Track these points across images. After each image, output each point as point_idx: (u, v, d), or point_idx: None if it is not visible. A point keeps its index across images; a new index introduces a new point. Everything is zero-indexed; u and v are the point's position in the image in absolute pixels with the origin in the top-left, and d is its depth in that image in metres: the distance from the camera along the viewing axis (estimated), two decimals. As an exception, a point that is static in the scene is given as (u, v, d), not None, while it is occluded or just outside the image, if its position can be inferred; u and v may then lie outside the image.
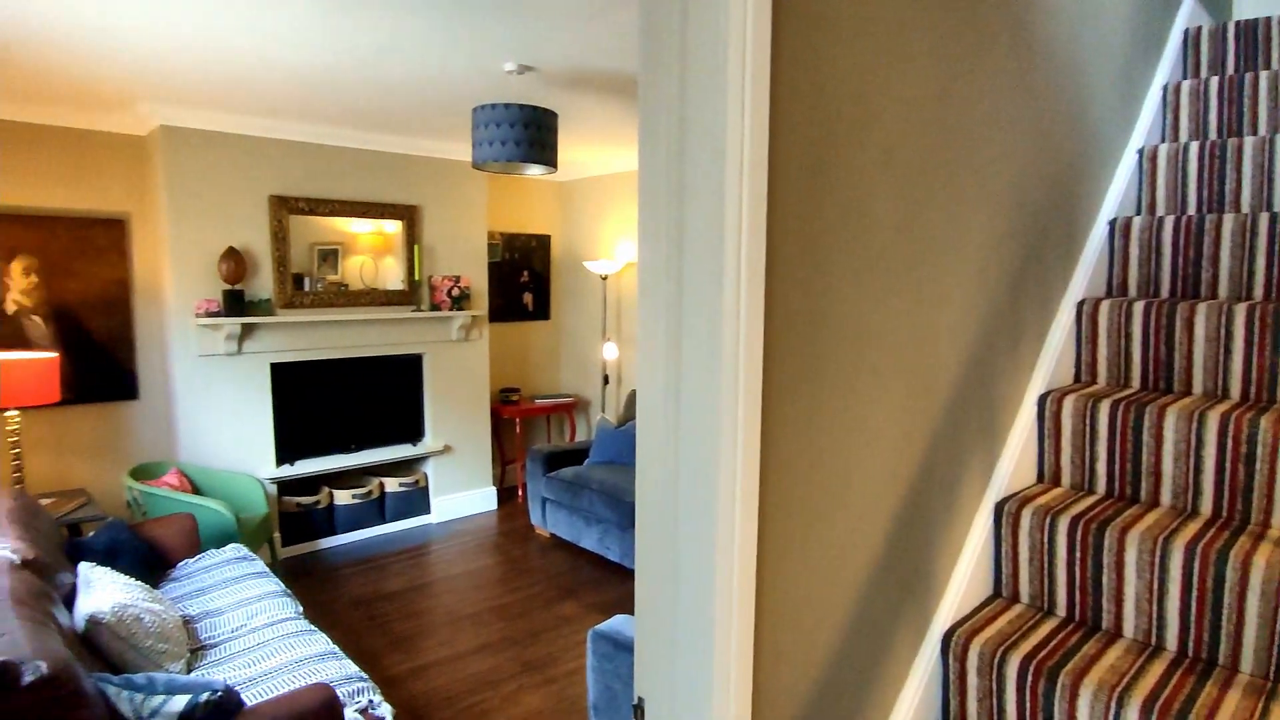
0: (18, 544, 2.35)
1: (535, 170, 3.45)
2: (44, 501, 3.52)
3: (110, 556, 2.92)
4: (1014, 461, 1.68)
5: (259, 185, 4.39)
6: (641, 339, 1.14)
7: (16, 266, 4.05)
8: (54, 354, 3.66)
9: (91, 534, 3.01)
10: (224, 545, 3.77)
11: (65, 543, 2.84)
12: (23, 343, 4.09)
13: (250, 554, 3.31)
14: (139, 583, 2.60)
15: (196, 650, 2.58)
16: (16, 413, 3.57)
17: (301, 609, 2.93)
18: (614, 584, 4.24)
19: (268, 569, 3.20)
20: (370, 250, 4.81)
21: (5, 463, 4.00)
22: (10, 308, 4.04)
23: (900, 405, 1.36)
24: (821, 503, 1.21)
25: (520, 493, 5.87)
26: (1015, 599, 1.61)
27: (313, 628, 2.74)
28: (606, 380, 5.83)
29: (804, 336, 1.15)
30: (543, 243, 6.30)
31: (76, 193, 4.19)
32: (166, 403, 4.49)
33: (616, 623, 2.37)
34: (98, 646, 2.18)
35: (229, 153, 4.27)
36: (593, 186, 6.07)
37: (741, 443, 1.04)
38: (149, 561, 3.10)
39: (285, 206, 4.47)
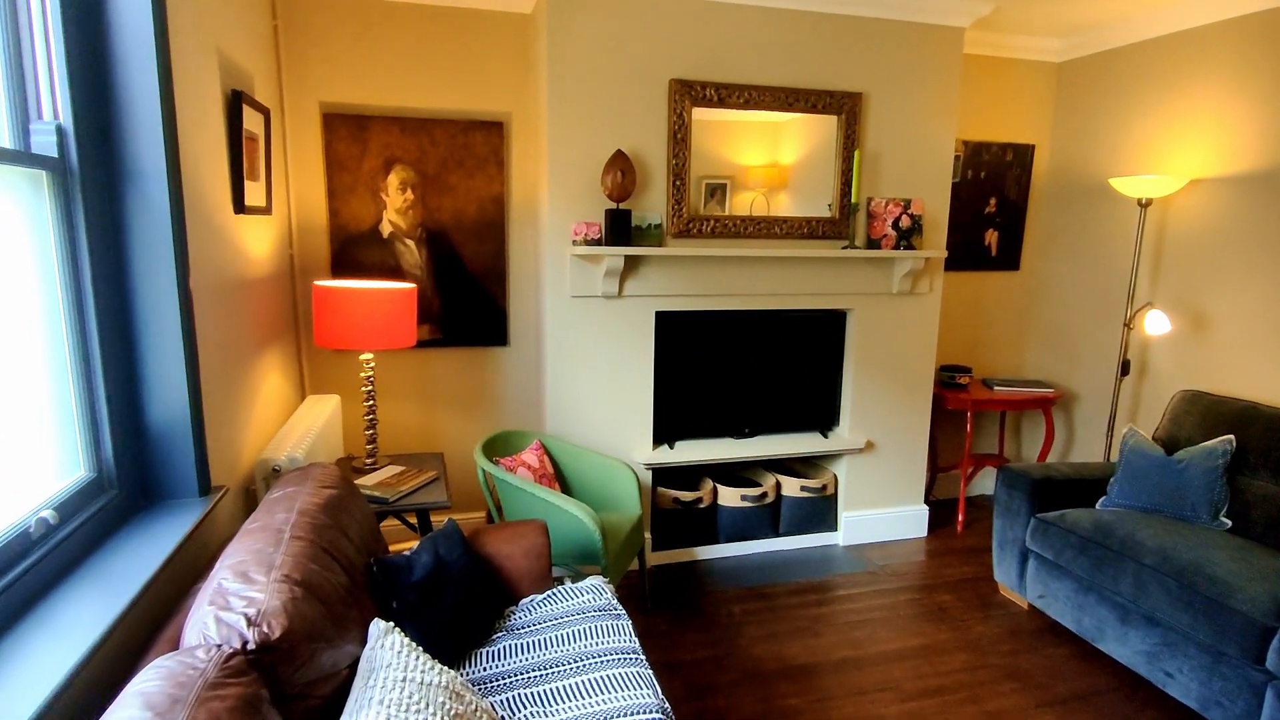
0: (275, 597, 1.39)
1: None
2: (387, 474, 2.81)
3: (431, 594, 1.95)
4: None
5: (658, 65, 3.20)
6: None
7: (394, 180, 3.42)
8: (411, 285, 2.90)
9: (414, 548, 2.09)
10: (581, 565, 2.73)
11: (375, 563, 1.92)
12: (396, 272, 3.48)
13: (614, 604, 2.16)
14: (454, 677, 1.53)
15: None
16: (371, 356, 2.87)
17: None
18: (1193, 754, 2.33)
19: (636, 642, 2.00)
20: (763, 184, 3.37)
21: (357, 415, 3.47)
22: (386, 229, 3.44)
23: None
24: None
25: (960, 518, 4.11)
26: None
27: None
28: (1126, 370, 3.71)
29: None
30: (1022, 156, 4.28)
31: (456, 90, 3.42)
32: (537, 354, 3.65)
33: None
34: None
35: (624, 23, 3.12)
36: (1120, 62, 3.86)
37: None
38: (484, 598, 2.09)
39: (689, 94, 3.22)
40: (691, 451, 3.50)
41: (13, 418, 1.47)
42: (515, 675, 1.89)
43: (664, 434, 3.60)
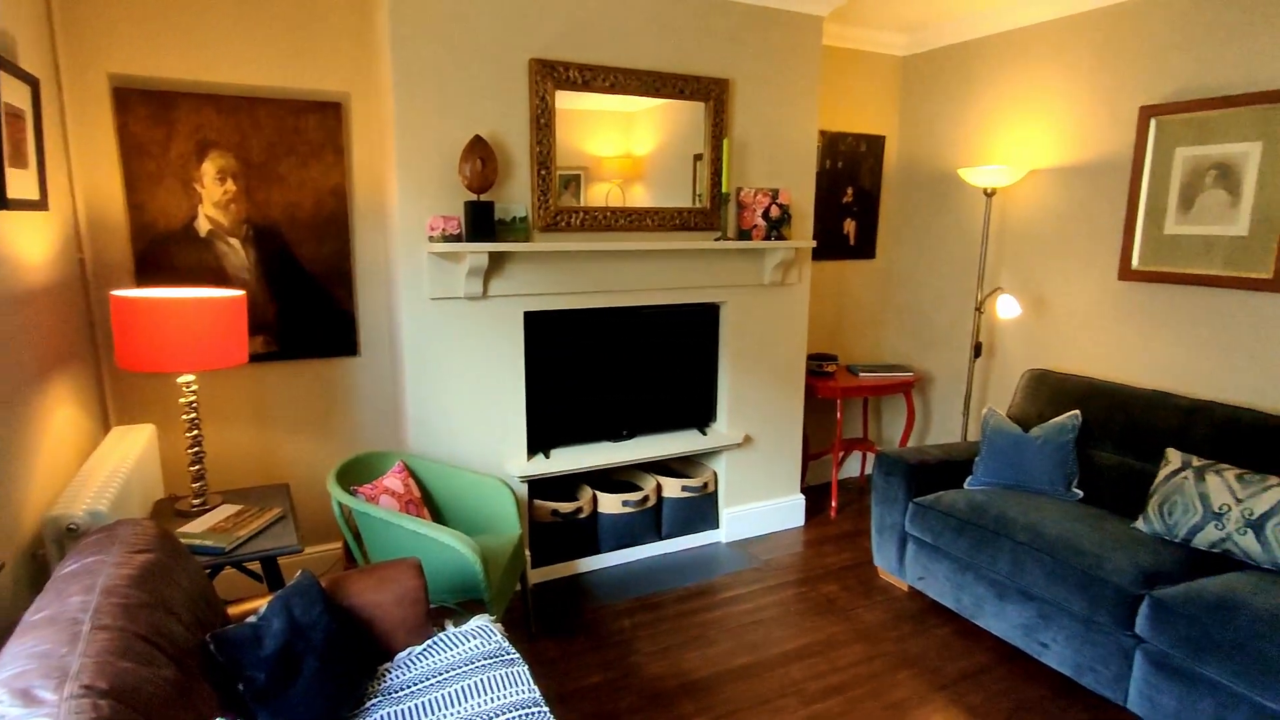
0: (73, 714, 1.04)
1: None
2: (221, 516, 2.38)
3: (287, 668, 1.62)
4: None
5: (517, 43, 2.93)
6: None
7: (209, 169, 2.93)
8: (238, 292, 2.47)
9: (262, 613, 1.73)
10: (463, 603, 2.45)
11: (212, 640, 1.56)
12: (220, 276, 3.00)
13: (505, 649, 1.91)
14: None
15: None
16: (193, 377, 2.42)
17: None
18: (1076, 717, 2.43)
19: (536, 691, 1.77)
20: (618, 176, 3.22)
21: (179, 446, 2.97)
22: (203, 226, 2.95)
23: None
24: None
25: (833, 503, 4.18)
26: None
27: None
28: (978, 352, 3.90)
29: None
30: (874, 147, 4.41)
31: (284, 65, 2.98)
32: (394, 364, 3.28)
33: None
34: None
35: (477, -7, 2.83)
36: (959, 57, 4.04)
37: None
38: (352, 661, 1.78)
39: (551, 76, 2.98)
40: (569, 459, 3.29)
41: None
42: (398, 752, 1.61)
43: (539, 442, 3.36)
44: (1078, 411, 3.19)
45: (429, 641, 1.96)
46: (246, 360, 2.47)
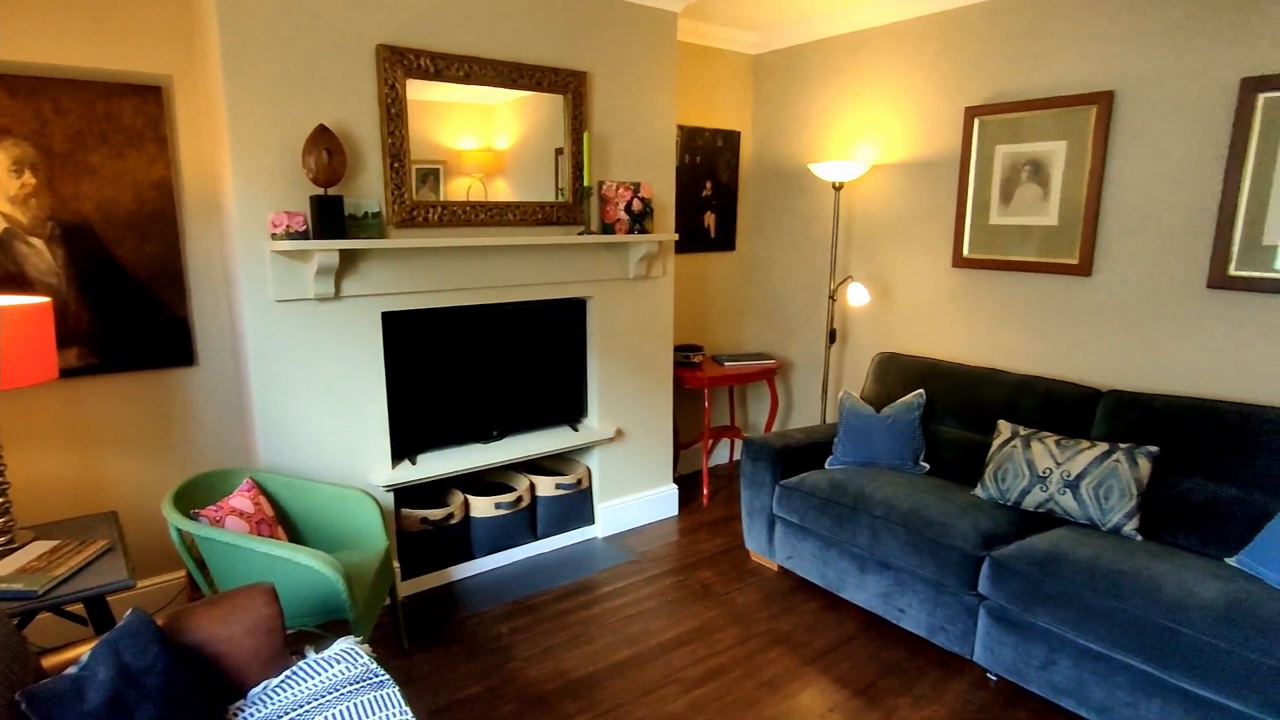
0: None
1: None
2: (32, 555, 2.09)
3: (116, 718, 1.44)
4: None
5: (363, 27, 2.77)
6: None
7: (2, 159, 2.57)
8: (43, 299, 2.18)
9: (85, 660, 1.53)
10: (326, 625, 2.30)
11: (23, 699, 1.36)
12: (19, 281, 2.64)
13: (374, 670, 1.81)
14: None
15: None
16: (-12, 398, 2.11)
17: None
18: (931, 676, 2.62)
19: (409, 713, 1.68)
20: (481, 170, 3.14)
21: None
22: (-5, 224, 2.58)
23: None
24: None
25: (705, 491, 4.28)
26: None
27: None
28: (833, 338, 4.11)
29: None
30: (731, 142, 4.53)
31: (92, 41, 2.65)
32: (237, 373, 3.03)
33: None
34: None
35: (314, -27, 2.65)
36: (807, 57, 4.23)
37: None
38: (196, 705, 1.61)
39: (401, 63, 2.84)
40: (437, 464, 3.16)
41: None
42: (255, 797, 1.48)
43: (404, 448, 3.21)
44: (922, 391, 3.43)
45: (288, 672, 1.82)
46: (56, 376, 2.19)
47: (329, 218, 2.66)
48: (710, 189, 4.50)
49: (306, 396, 2.84)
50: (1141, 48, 2.92)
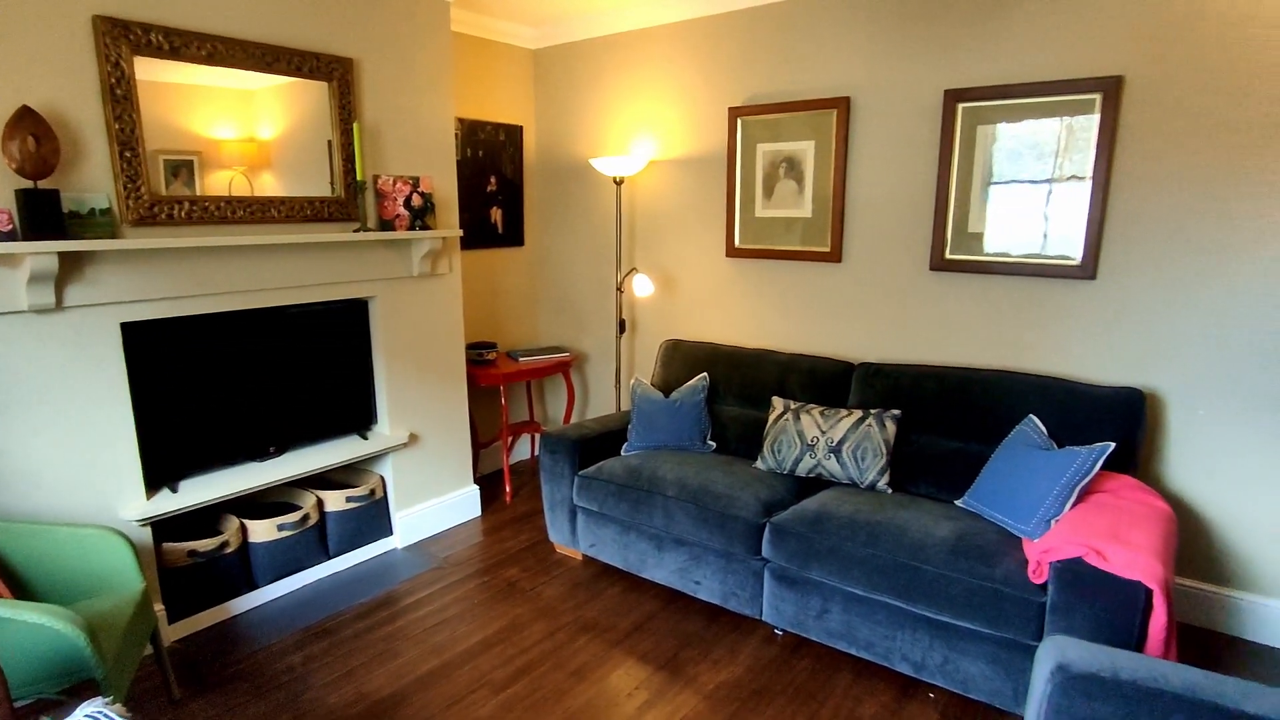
0: None
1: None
2: None
3: None
4: None
5: (72, -3, 2.39)
6: None
7: None
8: None
9: None
10: (70, 689, 2.00)
11: None
12: None
13: (135, 729, 1.59)
14: None
15: None
16: None
17: None
18: (727, 640, 2.81)
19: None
20: (243, 162, 2.90)
21: None
22: None
23: None
24: None
25: (507, 488, 4.25)
26: None
27: None
28: (623, 328, 4.24)
29: None
30: (513, 136, 4.50)
31: None
32: (-78, 402, 2.50)
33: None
34: None
35: (3, -73, 2.24)
36: (586, 53, 4.31)
37: None
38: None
39: (127, 38, 2.49)
40: (203, 489, 2.85)
41: None
42: None
43: (161, 475, 2.85)
44: (706, 374, 3.65)
45: (19, 750, 1.55)
46: None
47: (41, 215, 2.28)
48: (495, 183, 4.44)
49: (27, 425, 2.42)
50: (870, 59, 3.31)
